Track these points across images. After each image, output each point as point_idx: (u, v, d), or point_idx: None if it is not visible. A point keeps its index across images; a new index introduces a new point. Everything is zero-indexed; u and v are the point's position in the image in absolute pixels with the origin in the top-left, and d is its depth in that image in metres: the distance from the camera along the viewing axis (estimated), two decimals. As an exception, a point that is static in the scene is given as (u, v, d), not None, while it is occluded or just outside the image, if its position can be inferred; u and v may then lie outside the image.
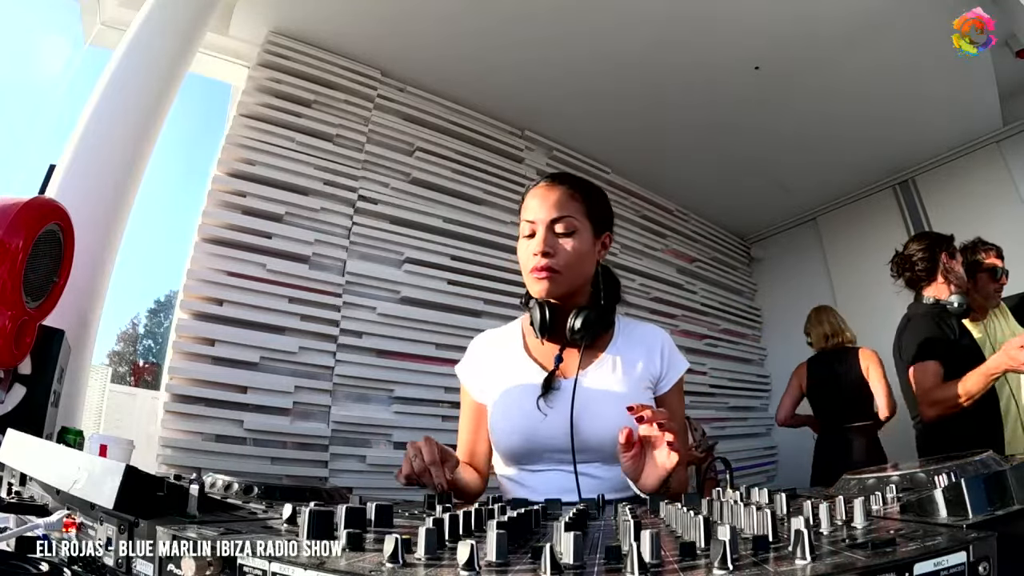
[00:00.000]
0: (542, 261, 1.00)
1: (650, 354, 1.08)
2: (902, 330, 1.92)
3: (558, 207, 1.02)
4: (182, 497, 0.52)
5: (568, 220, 1.02)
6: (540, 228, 1.02)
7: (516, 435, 1.02)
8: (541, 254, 1.00)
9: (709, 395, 3.97)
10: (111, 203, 1.80)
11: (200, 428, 2.19)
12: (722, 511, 0.53)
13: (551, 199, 1.03)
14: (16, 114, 2.65)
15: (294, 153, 2.58)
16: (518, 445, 1.02)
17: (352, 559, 0.37)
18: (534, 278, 1.01)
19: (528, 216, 1.04)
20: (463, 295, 2.84)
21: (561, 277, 1.01)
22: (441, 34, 2.74)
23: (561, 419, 0.98)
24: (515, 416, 1.02)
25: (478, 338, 1.18)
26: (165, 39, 2.02)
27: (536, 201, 1.05)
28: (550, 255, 1.00)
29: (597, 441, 0.98)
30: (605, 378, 1.04)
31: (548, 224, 1.02)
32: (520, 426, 1.01)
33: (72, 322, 1.41)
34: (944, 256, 1.90)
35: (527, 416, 1.01)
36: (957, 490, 0.49)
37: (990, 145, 3.54)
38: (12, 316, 1.00)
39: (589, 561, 0.38)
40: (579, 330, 1.02)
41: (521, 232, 1.06)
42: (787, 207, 4.45)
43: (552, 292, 1.02)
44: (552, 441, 0.99)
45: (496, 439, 1.05)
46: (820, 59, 2.86)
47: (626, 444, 0.85)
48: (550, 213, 1.02)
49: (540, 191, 1.06)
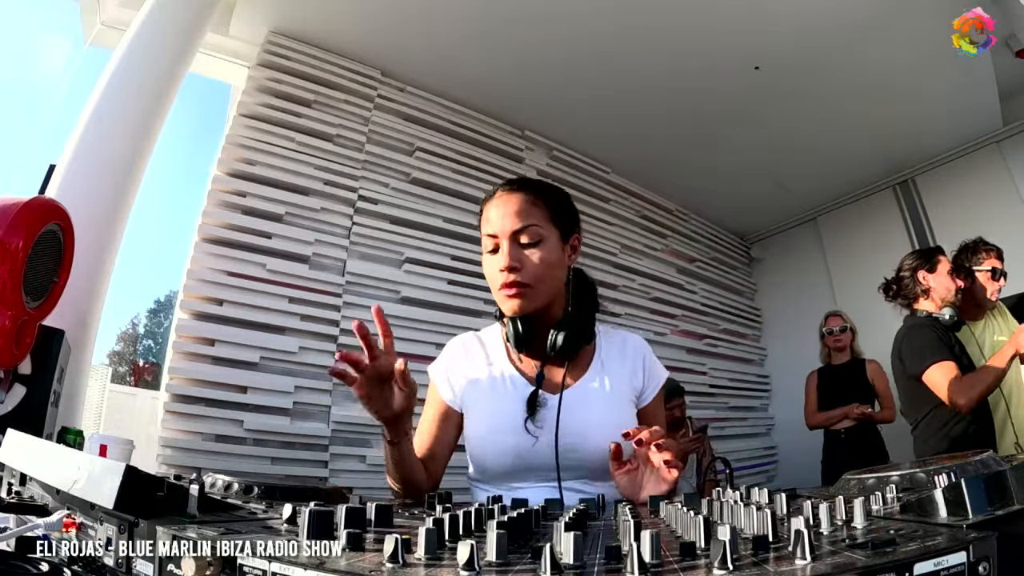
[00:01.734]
0: (509, 277, 0.94)
1: (634, 367, 1.06)
2: (901, 340, 1.95)
3: (520, 216, 0.96)
4: (182, 497, 0.52)
5: (532, 229, 0.96)
6: (504, 241, 0.96)
7: (508, 456, 0.98)
8: (508, 269, 0.94)
9: (709, 395, 3.97)
10: (111, 203, 1.79)
11: (200, 428, 2.19)
12: (722, 511, 0.53)
13: (511, 208, 0.97)
14: (16, 114, 2.65)
15: (294, 153, 2.58)
16: (510, 465, 0.98)
17: (352, 559, 0.37)
18: (504, 296, 0.96)
19: (489, 230, 0.98)
20: (463, 295, 2.84)
21: (532, 291, 0.95)
22: (441, 34, 2.74)
23: (550, 439, 0.95)
24: (505, 435, 0.98)
25: (456, 341, 1.13)
26: (165, 39, 2.02)
27: (496, 212, 0.98)
28: (517, 269, 0.95)
29: (585, 458, 0.96)
30: (591, 394, 1.01)
31: (511, 236, 0.96)
32: (511, 447, 0.97)
33: (72, 322, 1.41)
34: (921, 274, 1.96)
35: (517, 436, 0.97)
36: (957, 490, 0.49)
37: (990, 145, 3.54)
38: (12, 316, 1.00)
39: (589, 561, 0.38)
40: (560, 347, 0.97)
41: (484, 247, 0.99)
42: (787, 207, 4.45)
43: (525, 308, 0.96)
44: (541, 460, 0.96)
45: (481, 457, 1.01)
46: (820, 59, 2.86)
47: (616, 460, 0.85)
48: (512, 224, 0.96)
49: (498, 201, 0.99)
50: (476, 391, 1.04)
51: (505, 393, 1.01)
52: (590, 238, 3.50)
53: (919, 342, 1.86)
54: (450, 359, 1.09)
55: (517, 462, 0.97)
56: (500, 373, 1.04)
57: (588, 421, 0.97)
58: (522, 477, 0.98)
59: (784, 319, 4.54)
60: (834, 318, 2.93)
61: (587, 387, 1.01)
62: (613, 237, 3.68)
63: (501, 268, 0.95)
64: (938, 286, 1.94)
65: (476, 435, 1.02)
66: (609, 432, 0.92)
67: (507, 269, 0.95)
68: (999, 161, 3.50)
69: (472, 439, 1.02)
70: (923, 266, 1.97)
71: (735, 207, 4.44)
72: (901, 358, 1.92)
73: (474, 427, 1.03)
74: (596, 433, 0.95)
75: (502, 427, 0.98)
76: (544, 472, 0.97)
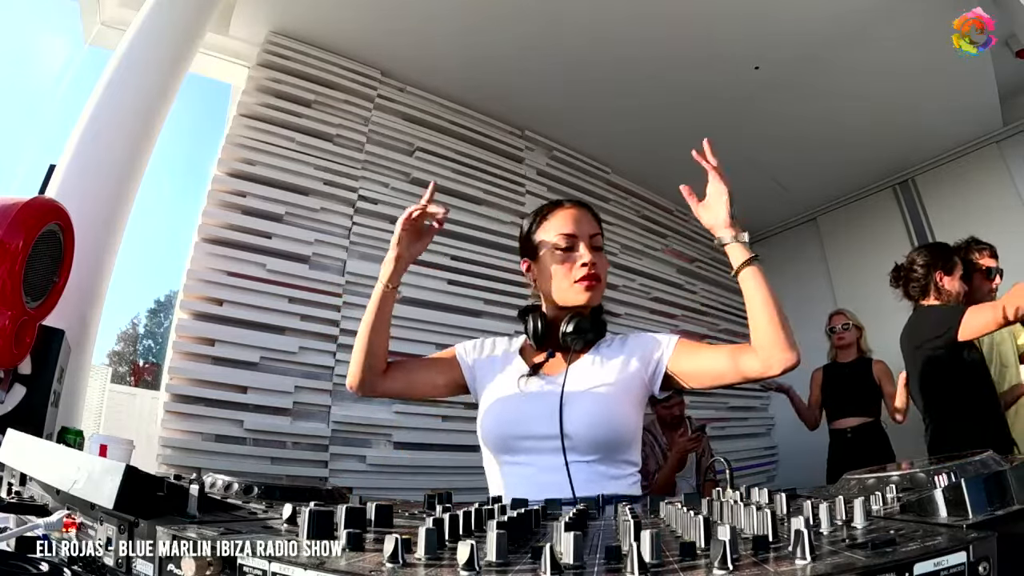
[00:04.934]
0: (592, 271, 1.09)
1: (643, 351, 1.10)
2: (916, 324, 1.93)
3: (593, 225, 1.15)
4: (182, 497, 0.52)
5: (599, 237, 1.14)
6: (582, 242, 1.11)
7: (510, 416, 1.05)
8: (590, 264, 1.09)
9: (709, 395, 3.97)
10: (111, 203, 1.79)
11: (200, 428, 2.19)
12: (722, 511, 0.53)
13: (587, 217, 1.15)
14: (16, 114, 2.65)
15: (294, 153, 2.58)
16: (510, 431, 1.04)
17: (352, 559, 0.37)
18: (582, 287, 1.08)
19: (565, 230, 1.12)
20: (463, 295, 2.84)
21: (601, 286, 1.11)
22: (441, 34, 2.74)
23: (547, 407, 1.01)
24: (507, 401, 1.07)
25: (491, 338, 1.25)
26: (165, 39, 2.02)
27: (574, 216, 1.14)
28: (595, 265, 1.10)
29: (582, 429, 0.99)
30: (595, 371, 1.08)
31: (589, 239, 1.12)
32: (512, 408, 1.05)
33: (72, 322, 1.41)
34: (939, 275, 1.94)
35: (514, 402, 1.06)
36: (957, 490, 0.49)
37: (990, 145, 3.54)
38: (12, 316, 1.00)
39: (589, 561, 0.38)
40: (571, 333, 1.08)
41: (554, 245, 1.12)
42: (787, 207, 4.45)
43: (595, 300, 1.11)
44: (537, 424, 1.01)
45: (488, 427, 1.07)
46: (820, 59, 2.86)
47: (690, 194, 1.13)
48: (590, 229, 1.13)
49: (572, 211, 1.15)
50: (489, 376, 1.14)
51: (512, 372, 1.12)
52: (590, 238, 3.50)
53: (937, 313, 1.85)
54: (479, 346, 1.21)
55: (517, 427, 1.03)
56: (514, 365, 1.14)
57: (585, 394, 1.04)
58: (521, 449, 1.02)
59: (784, 319, 4.54)
60: (837, 316, 2.92)
61: (590, 366, 1.09)
62: (613, 237, 3.68)
63: (583, 263, 1.09)
64: (950, 288, 1.93)
65: (483, 407, 1.10)
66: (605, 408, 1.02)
67: (590, 264, 1.09)
68: (999, 161, 3.50)
69: (480, 412, 1.11)
70: (941, 267, 1.95)
71: (735, 207, 4.43)
72: (922, 339, 1.87)
73: (482, 401, 1.12)
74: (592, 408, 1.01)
75: (505, 395, 1.08)
76: (544, 441, 1.00)
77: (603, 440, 1.00)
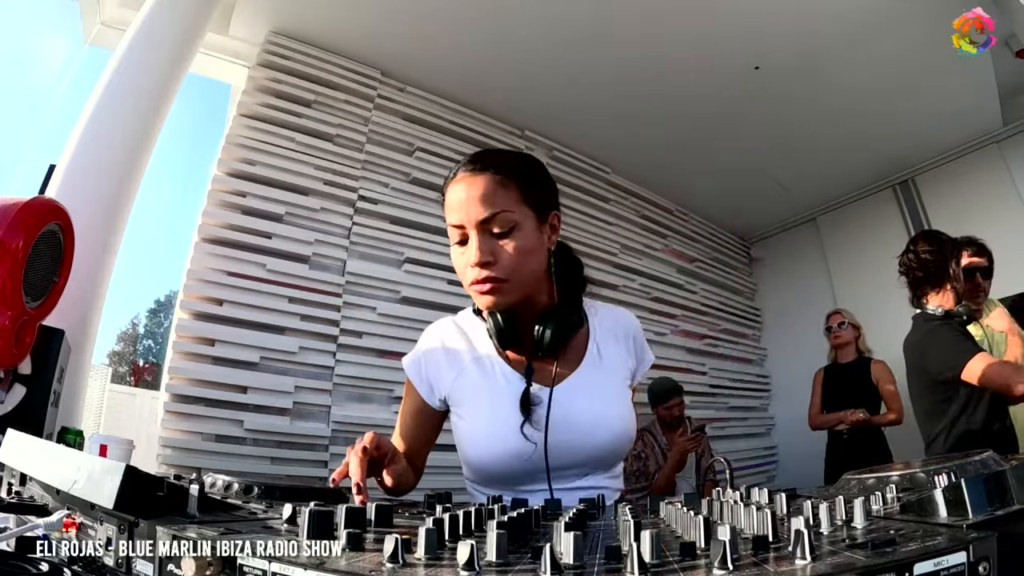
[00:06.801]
0: (481, 273, 0.84)
1: (627, 349, 0.99)
2: (921, 345, 1.82)
3: (488, 202, 0.83)
4: (182, 497, 0.52)
5: (503, 216, 0.83)
6: (472, 232, 0.84)
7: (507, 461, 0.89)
8: (479, 265, 0.83)
9: (709, 395, 3.97)
10: (111, 203, 1.79)
11: (200, 428, 2.19)
12: (722, 511, 0.53)
13: (476, 193, 0.83)
14: (16, 114, 2.65)
15: (294, 153, 2.58)
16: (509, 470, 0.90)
17: (352, 559, 0.37)
18: (476, 292, 0.86)
19: (453, 219, 0.85)
20: (463, 295, 2.82)
21: (509, 285, 0.85)
22: (441, 34, 2.74)
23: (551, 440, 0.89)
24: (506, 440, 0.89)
25: (431, 332, 1.01)
26: (165, 39, 2.02)
27: (459, 198, 0.85)
28: (490, 263, 0.84)
29: (589, 455, 0.91)
30: (588, 386, 0.93)
31: (479, 226, 0.83)
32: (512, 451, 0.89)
33: (72, 322, 1.41)
34: (954, 263, 1.84)
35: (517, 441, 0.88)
36: (957, 490, 0.49)
37: (990, 145, 3.54)
38: (12, 316, 1.00)
39: (589, 561, 0.38)
40: (549, 343, 0.89)
41: (450, 238, 0.88)
42: (787, 207, 4.45)
43: (501, 304, 0.87)
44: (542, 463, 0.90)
45: (478, 461, 0.92)
46: (820, 59, 2.86)
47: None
48: (480, 212, 0.83)
49: (461, 185, 0.85)
50: (465, 387, 0.94)
51: (498, 390, 0.91)
52: (590, 238, 3.51)
53: (945, 341, 1.73)
54: (425, 353, 0.98)
55: (517, 467, 0.89)
56: (491, 366, 0.93)
57: (588, 412, 0.90)
58: (524, 480, 0.92)
59: (784, 319, 4.54)
60: (834, 315, 2.93)
61: (584, 378, 0.93)
62: (613, 237, 3.68)
63: (472, 263, 0.84)
64: (960, 278, 1.85)
65: (471, 439, 0.92)
66: (610, 423, 0.89)
67: (479, 264, 0.83)
68: (999, 161, 3.50)
69: (466, 441, 0.93)
70: (956, 255, 1.85)
71: (735, 207, 4.44)
72: (924, 365, 1.79)
73: (468, 429, 0.93)
74: (597, 426, 0.90)
75: (501, 433, 0.89)
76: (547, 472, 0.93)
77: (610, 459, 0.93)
